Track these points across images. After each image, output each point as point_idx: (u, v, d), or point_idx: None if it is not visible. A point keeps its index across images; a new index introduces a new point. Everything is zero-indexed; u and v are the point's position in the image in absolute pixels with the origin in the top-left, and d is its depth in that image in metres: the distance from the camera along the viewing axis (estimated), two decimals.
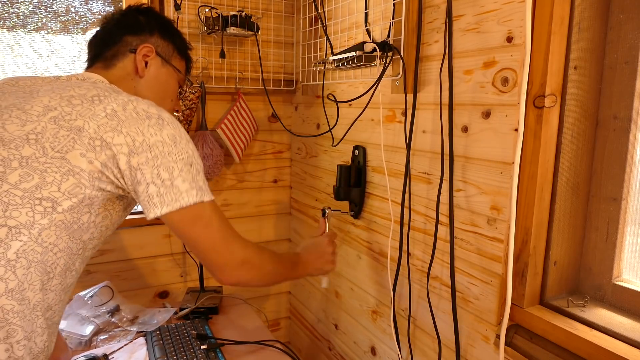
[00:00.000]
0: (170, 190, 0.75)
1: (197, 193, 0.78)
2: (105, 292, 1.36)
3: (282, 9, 1.63)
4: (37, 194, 0.70)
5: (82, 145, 0.72)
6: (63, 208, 0.71)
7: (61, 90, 0.78)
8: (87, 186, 0.73)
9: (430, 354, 1.09)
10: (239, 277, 0.85)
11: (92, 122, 0.73)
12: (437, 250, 1.03)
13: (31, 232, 0.69)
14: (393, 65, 1.11)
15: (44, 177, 0.70)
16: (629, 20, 0.77)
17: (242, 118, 1.57)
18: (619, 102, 0.79)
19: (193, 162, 0.79)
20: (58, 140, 0.72)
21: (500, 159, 0.87)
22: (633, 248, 0.81)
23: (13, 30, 1.34)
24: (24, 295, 0.70)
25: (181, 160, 0.77)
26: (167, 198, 0.75)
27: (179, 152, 0.77)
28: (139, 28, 0.93)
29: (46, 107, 0.75)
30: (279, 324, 1.88)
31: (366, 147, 1.28)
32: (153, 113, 0.77)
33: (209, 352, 1.16)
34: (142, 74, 0.92)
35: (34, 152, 0.71)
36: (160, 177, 0.75)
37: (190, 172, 0.78)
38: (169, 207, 0.75)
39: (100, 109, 0.74)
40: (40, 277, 0.71)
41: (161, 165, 0.75)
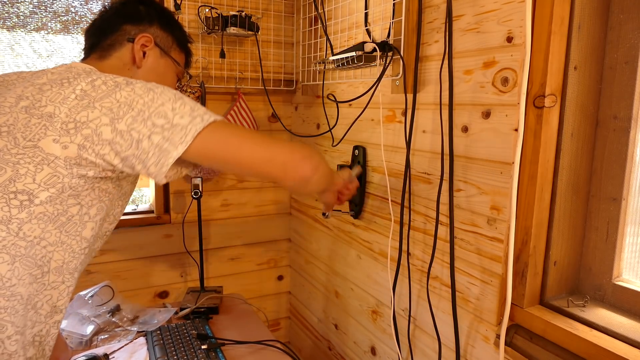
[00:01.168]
0: (175, 130, 0.70)
1: (202, 118, 0.72)
2: (106, 291, 1.36)
3: (282, 9, 1.63)
4: (11, 187, 0.68)
5: (55, 130, 0.68)
6: (41, 200, 0.69)
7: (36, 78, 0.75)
8: (64, 174, 0.70)
9: (430, 354, 1.09)
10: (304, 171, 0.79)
11: (63, 106, 0.69)
12: (437, 250, 1.03)
13: (9, 227, 0.68)
14: (393, 65, 1.11)
15: (17, 169, 0.68)
16: (629, 20, 0.77)
17: (242, 118, 1.57)
18: (619, 102, 0.79)
19: (182, 96, 0.74)
20: (30, 129, 0.69)
21: (500, 159, 0.87)
22: (633, 248, 0.81)
23: (13, 30, 1.34)
24: (13, 291, 0.69)
25: (167, 100, 0.72)
26: (177, 138, 0.70)
27: (160, 95, 0.72)
28: (138, 17, 0.91)
29: (18, 97, 0.72)
30: (279, 324, 1.88)
31: (366, 147, 1.28)
32: (120, 81, 0.73)
33: (209, 352, 1.16)
34: (139, 64, 0.89)
35: (5, 144, 0.69)
36: (157, 124, 0.70)
37: (184, 106, 0.72)
38: (183, 144, 0.70)
39: (70, 91, 0.71)
40: (29, 271, 0.70)
41: (151, 115, 0.70)
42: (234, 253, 1.71)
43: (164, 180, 0.72)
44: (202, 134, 0.71)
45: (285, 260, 1.83)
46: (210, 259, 1.67)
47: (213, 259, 1.68)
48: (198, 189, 1.46)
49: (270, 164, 0.77)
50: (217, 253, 1.68)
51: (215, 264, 1.68)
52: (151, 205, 1.60)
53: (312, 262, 1.64)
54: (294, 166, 0.78)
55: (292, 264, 1.82)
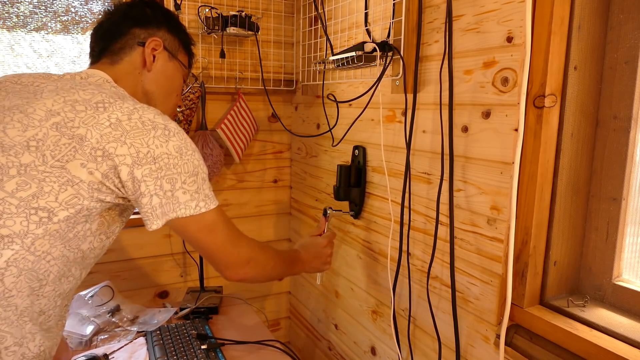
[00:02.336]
0: (170, 201, 0.75)
1: (198, 204, 0.78)
2: (106, 292, 1.36)
3: (282, 9, 1.63)
4: (34, 203, 0.68)
5: (83, 155, 0.70)
6: (59, 218, 0.70)
7: (65, 92, 0.75)
8: (85, 197, 0.71)
9: (430, 354, 1.09)
10: (245, 274, 0.89)
11: (95, 131, 0.71)
12: (437, 250, 1.03)
13: (24, 242, 0.68)
14: (393, 65, 1.11)
15: (42, 186, 0.69)
16: (629, 20, 0.77)
17: (242, 118, 1.57)
18: (619, 102, 0.79)
19: (199, 172, 0.79)
20: (59, 149, 0.70)
21: (500, 159, 0.87)
22: (633, 248, 0.81)
23: (13, 30, 1.34)
24: (10, 301, 0.69)
25: (185, 172, 0.76)
26: (167, 208, 0.76)
27: (184, 164, 0.76)
28: (146, 20, 0.91)
29: (49, 111, 0.72)
30: (279, 324, 1.88)
31: (366, 147, 1.28)
32: (159, 123, 0.75)
33: (209, 352, 1.16)
34: (149, 67, 0.91)
35: (33, 159, 0.69)
36: (163, 188, 0.74)
37: (194, 183, 0.78)
38: (167, 216, 0.76)
39: (105, 117, 0.72)
40: (30, 284, 0.70)
41: (164, 177, 0.74)
42: None
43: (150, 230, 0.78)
44: (187, 218, 0.78)
45: None
46: None
47: None
48: None
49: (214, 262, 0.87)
50: None
51: None
52: None
53: None
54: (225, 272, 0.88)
55: None
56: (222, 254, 0.85)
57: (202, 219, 0.80)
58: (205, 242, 0.83)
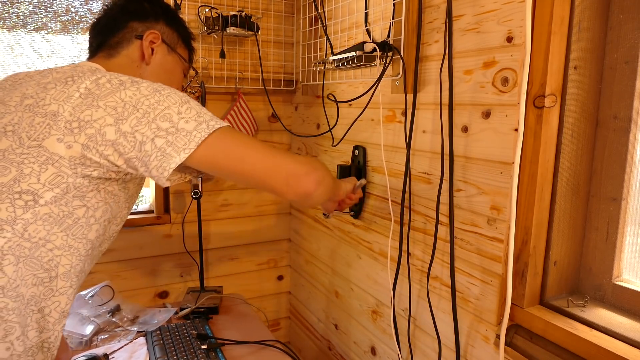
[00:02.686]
0: (179, 134, 0.69)
1: (208, 124, 0.71)
2: (106, 291, 1.36)
3: (282, 9, 1.63)
4: (16, 187, 0.67)
5: (59, 129, 0.68)
6: (45, 200, 0.69)
7: (40, 77, 0.75)
8: (69, 174, 0.69)
9: (430, 354, 1.09)
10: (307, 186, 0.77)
11: (67, 104, 0.69)
12: (437, 250, 1.03)
13: (14, 228, 0.67)
14: (393, 65, 1.11)
15: (21, 168, 0.67)
16: (629, 20, 0.77)
17: (242, 118, 1.57)
18: (619, 102, 0.79)
19: (188, 99, 0.74)
20: (34, 129, 0.68)
21: (500, 159, 0.87)
22: (633, 248, 0.81)
23: (13, 30, 1.34)
24: (18, 291, 0.69)
25: (174, 104, 0.71)
26: (180, 143, 0.69)
27: (167, 97, 0.71)
28: (144, 14, 0.91)
29: (23, 95, 0.71)
30: (279, 324, 1.88)
31: (366, 147, 1.28)
32: (125, 80, 0.72)
33: (209, 352, 1.16)
34: (148, 60, 0.90)
35: (10, 144, 0.68)
36: (161, 127, 0.69)
37: (190, 110, 0.72)
38: (186, 151, 0.69)
39: (74, 89, 0.70)
40: (33, 272, 0.70)
41: (156, 117, 0.69)
42: (234, 253, 1.71)
43: (166, 183, 0.71)
44: (207, 141, 0.70)
45: (285, 260, 1.83)
46: (210, 259, 1.67)
47: (213, 259, 1.68)
48: (198, 189, 1.46)
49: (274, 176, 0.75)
50: (217, 253, 1.68)
51: (215, 264, 1.68)
52: (151, 205, 1.60)
53: (312, 262, 1.64)
54: (297, 180, 0.76)
55: (292, 264, 1.82)
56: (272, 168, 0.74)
57: (225, 138, 0.72)
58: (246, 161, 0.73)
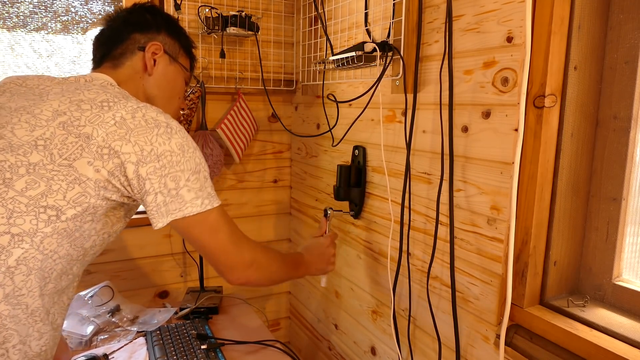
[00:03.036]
0: (176, 199, 0.76)
1: (203, 202, 0.79)
2: (106, 292, 1.36)
3: (282, 9, 1.63)
4: (43, 201, 0.69)
5: (90, 153, 0.71)
6: (67, 217, 0.71)
7: (70, 93, 0.77)
8: (92, 195, 0.72)
9: (430, 354, 1.09)
10: (247, 278, 0.88)
11: (101, 129, 0.72)
12: (437, 250, 1.03)
13: (33, 240, 0.69)
14: (393, 65, 1.11)
15: (50, 184, 0.70)
16: (629, 20, 0.77)
17: (242, 118, 1.57)
18: (619, 102, 0.79)
19: (201, 170, 0.80)
20: (66, 147, 0.71)
21: (500, 159, 0.87)
22: (633, 248, 0.81)
23: (13, 30, 1.34)
24: (20, 300, 0.69)
25: (188, 169, 0.77)
26: (172, 207, 0.76)
27: (187, 161, 0.77)
28: (146, 26, 0.93)
29: (55, 111, 0.74)
30: (279, 324, 1.88)
31: (366, 147, 1.28)
32: (162, 121, 0.77)
33: (209, 352, 1.16)
34: (151, 71, 0.92)
35: (41, 158, 0.70)
36: (167, 186, 0.75)
37: (197, 181, 0.78)
38: (173, 215, 0.77)
39: (110, 116, 0.74)
40: (39, 283, 0.71)
41: (168, 174, 0.75)
42: None
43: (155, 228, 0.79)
44: (192, 217, 0.79)
45: None
46: None
47: None
48: None
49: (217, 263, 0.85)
50: None
51: None
52: None
53: None
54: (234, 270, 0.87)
55: None
56: (224, 255, 0.84)
57: (207, 218, 0.80)
58: (208, 243, 0.82)
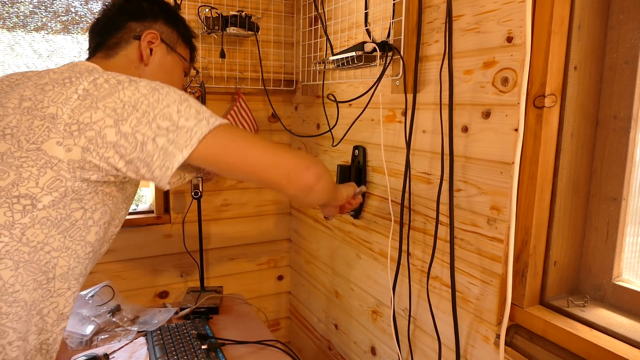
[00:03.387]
0: (179, 132, 0.69)
1: (209, 120, 0.71)
2: (106, 291, 1.36)
3: (282, 9, 1.63)
4: (14, 191, 0.66)
5: (58, 132, 0.67)
6: (44, 204, 0.68)
7: (37, 78, 0.73)
8: (67, 178, 0.68)
9: (430, 354, 1.09)
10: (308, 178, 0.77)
11: (66, 106, 0.68)
12: (437, 250, 1.03)
13: (12, 233, 0.66)
14: (393, 65, 1.11)
15: (20, 172, 0.67)
16: (629, 20, 0.77)
17: (242, 118, 1.57)
18: (619, 102, 0.79)
19: (187, 98, 0.73)
20: (33, 132, 0.67)
21: (500, 159, 0.87)
22: (633, 248, 0.81)
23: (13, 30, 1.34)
24: (16, 297, 0.68)
25: (173, 102, 0.70)
26: (182, 141, 0.69)
27: (165, 96, 0.71)
28: (142, 14, 0.89)
29: (21, 97, 0.70)
30: (279, 324, 1.88)
31: (366, 147, 1.28)
32: (123, 79, 0.71)
33: (209, 352, 1.16)
34: (147, 61, 0.88)
35: (9, 147, 0.67)
36: (162, 127, 0.68)
37: (190, 107, 0.71)
38: (188, 147, 0.69)
39: (72, 91, 0.69)
40: (33, 277, 0.69)
41: (156, 116, 0.68)
42: (234, 253, 1.71)
43: (167, 186, 0.71)
44: (208, 137, 0.70)
45: (285, 260, 1.83)
46: (210, 259, 1.67)
47: (213, 259, 1.68)
48: (198, 189, 1.46)
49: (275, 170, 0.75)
50: (217, 253, 1.68)
51: (215, 264, 1.68)
52: (151, 205, 1.61)
53: (312, 262, 1.64)
54: (298, 174, 0.76)
55: (292, 264, 1.82)
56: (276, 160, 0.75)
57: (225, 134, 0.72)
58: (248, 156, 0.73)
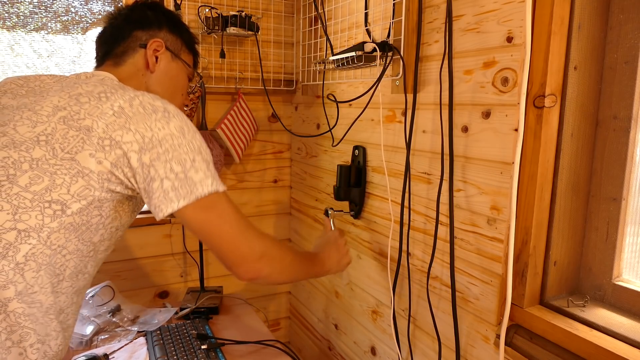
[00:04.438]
0: (185, 182, 0.74)
1: (212, 182, 0.77)
2: (106, 291, 1.36)
3: (282, 9, 1.63)
4: (47, 196, 0.69)
5: (92, 145, 0.71)
6: (72, 211, 0.71)
7: (69, 88, 0.77)
8: (96, 188, 0.72)
9: (430, 354, 1.09)
10: (259, 271, 0.82)
11: (101, 121, 0.72)
12: (437, 250, 1.03)
13: (40, 235, 0.69)
14: (393, 65, 1.11)
15: (54, 179, 0.70)
16: (629, 20, 0.77)
17: (242, 118, 1.57)
18: (619, 102, 0.79)
19: (203, 151, 0.78)
20: (67, 141, 0.71)
21: (500, 159, 0.87)
22: (633, 248, 0.81)
23: (13, 30, 1.34)
24: (34, 298, 0.70)
25: (192, 150, 0.76)
26: (183, 191, 0.74)
27: (188, 142, 0.76)
28: (147, 23, 0.93)
29: (55, 107, 0.74)
30: (279, 324, 1.88)
31: (366, 147, 1.28)
32: (159, 106, 0.76)
33: (209, 352, 1.16)
34: (152, 69, 0.92)
35: (44, 153, 0.71)
36: (174, 170, 0.73)
37: (203, 162, 0.77)
38: (185, 199, 0.74)
39: (108, 106, 0.73)
40: (50, 279, 0.71)
41: (173, 158, 0.73)
42: None
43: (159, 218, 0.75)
44: (203, 199, 0.75)
45: None
46: (210, 259, 1.67)
47: (213, 259, 1.68)
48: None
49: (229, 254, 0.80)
50: None
51: (215, 264, 1.68)
52: None
53: None
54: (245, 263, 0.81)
55: None
56: (232, 245, 0.79)
57: (217, 202, 0.77)
58: (216, 230, 0.78)
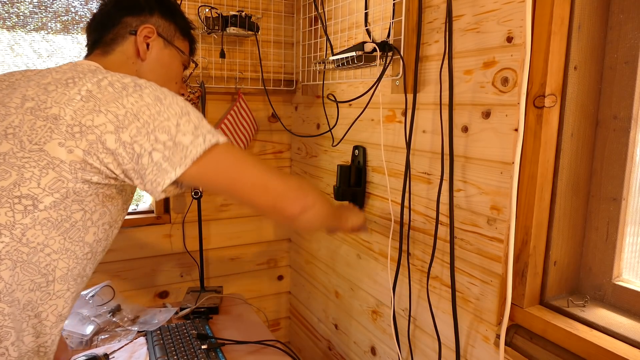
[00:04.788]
0: (176, 149, 0.68)
1: (205, 138, 0.71)
2: (107, 291, 1.36)
3: (282, 9, 1.63)
4: (16, 191, 0.66)
5: (60, 133, 0.66)
6: (45, 205, 0.67)
7: (40, 77, 0.73)
8: (69, 179, 0.68)
9: (430, 354, 1.09)
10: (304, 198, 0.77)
11: (68, 108, 0.67)
12: (437, 250, 1.03)
13: (13, 233, 0.66)
14: (393, 65, 1.11)
15: (22, 173, 0.66)
16: (629, 20, 0.77)
17: (242, 118, 1.57)
18: (619, 102, 0.79)
19: (189, 111, 0.72)
20: (35, 132, 0.67)
21: (500, 159, 0.87)
22: (633, 248, 0.81)
23: (13, 30, 1.35)
24: (13, 296, 0.68)
25: (174, 115, 0.70)
26: (176, 158, 0.68)
27: (167, 108, 0.70)
28: (138, 8, 0.88)
29: (23, 97, 0.70)
30: (279, 324, 1.88)
31: (366, 147, 1.28)
32: (128, 82, 0.70)
33: (209, 352, 1.16)
34: (143, 56, 0.87)
35: (11, 147, 0.67)
36: (159, 140, 0.68)
37: (190, 122, 0.71)
38: (182, 166, 0.69)
39: (75, 92, 0.68)
40: (30, 277, 0.69)
41: (155, 129, 0.68)
42: (234, 253, 1.71)
43: (160, 196, 0.71)
44: (202, 158, 0.70)
45: (285, 260, 1.83)
46: (210, 259, 1.67)
47: (213, 259, 1.68)
48: (198, 189, 1.46)
49: (262, 196, 0.75)
50: (217, 253, 1.68)
51: (215, 264, 1.68)
52: (151, 205, 1.61)
53: (312, 262, 1.65)
54: (283, 202, 0.76)
55: (292, 264, 1.82)
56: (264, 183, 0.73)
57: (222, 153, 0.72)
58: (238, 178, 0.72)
